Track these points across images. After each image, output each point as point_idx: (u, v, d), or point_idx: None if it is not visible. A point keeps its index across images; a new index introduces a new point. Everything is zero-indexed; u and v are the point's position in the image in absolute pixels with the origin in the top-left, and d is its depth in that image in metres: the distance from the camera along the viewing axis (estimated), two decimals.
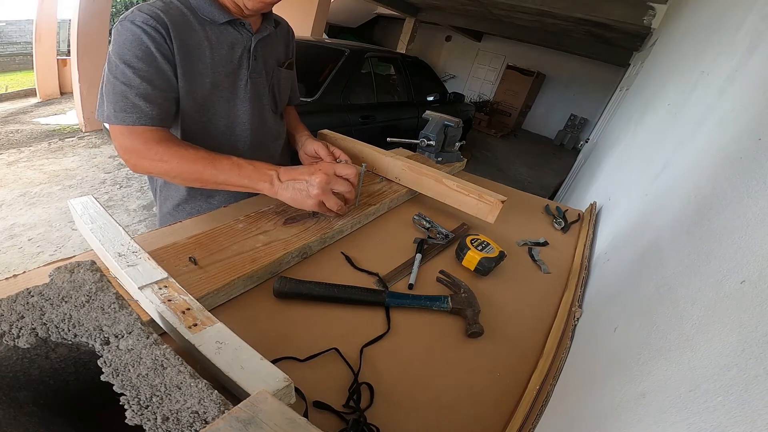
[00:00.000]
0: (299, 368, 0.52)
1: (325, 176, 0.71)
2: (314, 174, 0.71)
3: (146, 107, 0.71)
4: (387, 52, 3.80)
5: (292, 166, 0.74)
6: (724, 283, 0.33)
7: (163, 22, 0.72)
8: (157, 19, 0.71)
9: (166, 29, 0.72)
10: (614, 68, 7.01)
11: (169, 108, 0.76)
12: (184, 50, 0.75)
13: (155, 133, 0.73)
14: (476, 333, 0.63)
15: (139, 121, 0.71)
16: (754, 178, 0.37)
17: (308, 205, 0.72)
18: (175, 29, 0.73)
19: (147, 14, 0.71)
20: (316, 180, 0.70)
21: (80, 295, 0.37)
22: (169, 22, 0.73)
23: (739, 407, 0.23)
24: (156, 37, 0.71)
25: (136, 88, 0.70)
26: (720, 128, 0.59)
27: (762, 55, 0.58)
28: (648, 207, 0.75)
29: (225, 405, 0.31)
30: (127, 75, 0.70)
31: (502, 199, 0.92)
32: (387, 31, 10.08)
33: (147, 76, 0.71)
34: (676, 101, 1.08)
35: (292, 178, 0.72)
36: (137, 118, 0.71)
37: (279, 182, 0.72)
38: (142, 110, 0.71)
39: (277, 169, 0.73)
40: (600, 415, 0.39)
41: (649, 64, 2.49)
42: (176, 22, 0.74)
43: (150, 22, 0.70)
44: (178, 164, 0.71)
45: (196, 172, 0.72)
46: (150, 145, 0.72)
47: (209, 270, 0.60)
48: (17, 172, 2.99)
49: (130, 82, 0.70)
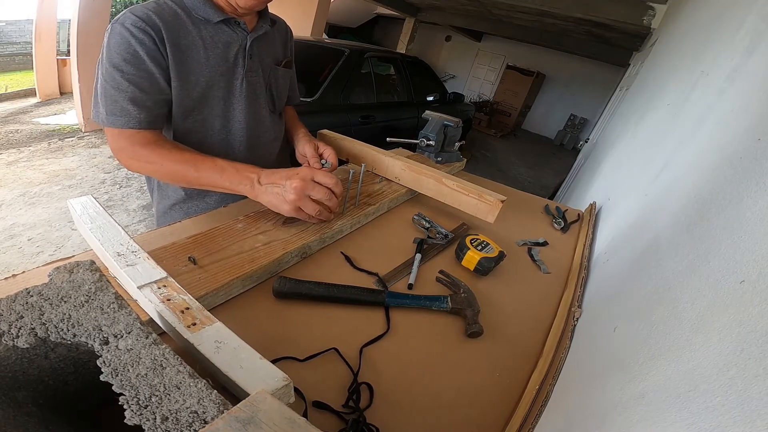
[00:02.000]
0: (299, 368, 0.52)
1: (301, 182, 0.69)
2: (291, 179, 0.70)
3: (135, 111, 0.72)
4: (387, 52, 3.80)
5: (274, 170, 0.73)
6: (724, 282, 0.33)
7: (154, 24, 0.72)
8: (147, 20, 0.71)
9: (157, 31, 0.72)
10: (614, 68, 7.01)
11: (159, 110, 0.77)
12: (177, 50, 0.75)
13: (143, 136, 0.74)
14: (476, 333, 0.63)
15: (127, 125, 0.72)
16: (754, 178, 0.37)
17: (285, 210, 0.71)
18: (168, 30, 0.74)
19: (137, 16, 0.71)
20: (292, 185, 0.69)
21: (79, 294, 0.37)
22: (161, 23, 0.73)
23: (739, 407, 0.23)
24: (144, 40, 0.71)
25: (124, 92, 0.71)
26: (719, 128, 0.59)
27: (762, 55, 0.58)
28: (647, 207, 0.75)
29: (224, 405, 0.31)
30: (116, 79, 0.71)
31: (502, 198, 0.92)
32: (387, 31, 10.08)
33: (135, 79, 0.72)
34: (675, 101, 1.08)
35: (271, 182, 0.71)
36: (126, 121, 0.72)
37: (259, 185, 0.72)
38: (131, 114, 0.72)
39: (258, 172, 0.72)
40: (599, 414, 0.39)
41: (648, 64, 2.49)
42: (168, 23, 0.74)
43: (139, 24, 0.70)
44: (163, 166, 0.74)
45: (180, 173, 0.74)
46: (137, 147, 0.74)
47: (208, 270, 0.60)
48: (17, 172, 2.99)
49: (119, 86, 0.71)
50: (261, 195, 0.72)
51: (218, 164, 0.73)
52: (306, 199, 0.71)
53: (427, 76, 4.21)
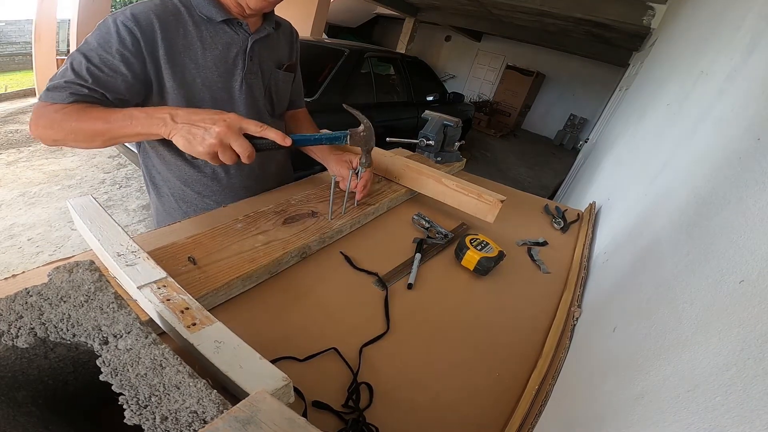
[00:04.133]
0: (298, 368, 0.52)
1: (226, 130, 0.65)
2: (216, 124, 0.65)
3: (70, 98, 0.69)
4: (386, 52, 3.80)
5: (195, 110, 0.69)
6: (723, 282, 0.33)
7: (147, 25, 0.72)
8: (141, 21, 0.71)
9: (149, 33, 0.72)
10: (614, 68, 7.00)
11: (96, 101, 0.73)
12: (173, 51, 0.75)
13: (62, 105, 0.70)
14: (370, 163, 0.83)
15: (54, 101, 0.69)
16: (753, 177, 0.37)
17: (199, 152, 0.66)
18: (165, 30, 0.73)
19: (132, 15, 0.71)
20: (216, 129, 0.65)
21: (79, 294, 0.36)
22: (159, 23, 0.73)
23: (738, 407, 0.23)
24: (126, 40, 0.70)
25: (77, 80, 0.69)
26: (719, 128, 0.59)
27: (761, 55, 0.58)
28: (647, 207, 0.75)
29: (224, 405, 0.31)
30: (81, 63, 0.69)
31: (502, 198, 0.92)
32: (386, 31, 10.08)
33: (96, 73, 0.70)
34: (675, 101, 1.08)
35: (191, 122, 0.67)
36: (55, 98, 0.69)
37: (174, 123, 0.67)
38: (63, 97, 0.69)
39: (173, 111, 0.68)
40: (599, 414, 0.39)
41: (648, 64, 2.49)
42: (167, 23, 0.74)
43: (128, 23, 0.70)
44: (72, 125, 0.69)
45: (92, 129, 0.69)
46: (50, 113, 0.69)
47: (208, 270, 0.60)
48: (16, 172, 2.99)
49: (79, 72, 0.69)
50: (176, 134, 0.67)
51: (128, 112, 0.69)
52: (226, 147, 0.66)
53: (426, 76, 4.20)
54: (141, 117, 0.68)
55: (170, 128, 0.67)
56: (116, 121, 0.69)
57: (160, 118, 0.67)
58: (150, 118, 0.68)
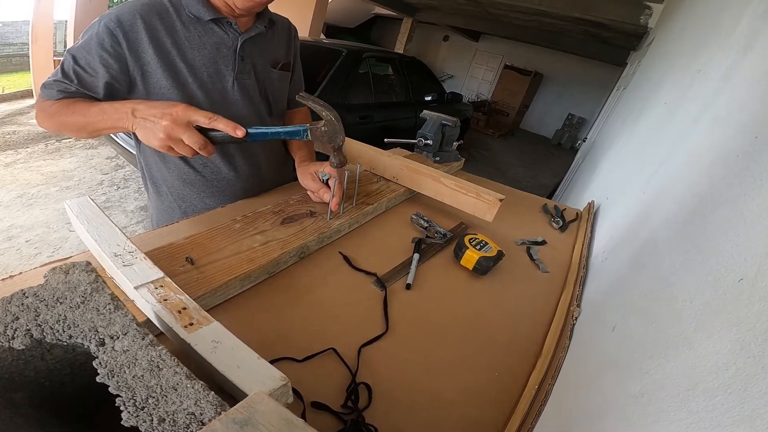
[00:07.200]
0: (297, 368, 0.52)
1: (171, 124, 0.65)
2: (163, 117, 0.66)
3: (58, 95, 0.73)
4: (385, 52, 3.80)
5: (154, 103, 0.70)
6: (722, 280, 0.33)
7: (131, 28, 0.72)
8: (125, 23, 0.72)
9: (133, 35, 0.72)
10: (612, 67, 7.01)
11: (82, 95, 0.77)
12: (163, 51, 0.75)
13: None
14: (341, 163, 0.76)
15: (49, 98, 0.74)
16: (751, 175, 0.37)
17: (155, 146, 0.68)
18: (151, 30, 0.74)
19: (116, 17, 0.71)
20: (162, 123, 0.65)
21: (75, 296, 0.36)
22: (144, 25, 0.73)
23: (738, 406, 0.23)
24: (105, 42, 0.71)
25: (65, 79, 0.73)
26: (716, 126, 0.59)
27: (757, 54, 0.58)
28: (645, 205, 0.75)
29: (221, 406, 0.31)
30: (69, 64, 0.73)
31: (500, 197, 0.92)
32: (385, 31, 10.07)
33: (80, 72, 0.73)
34: (672, 100, 1.08)
35: (144, 118, 0.68)
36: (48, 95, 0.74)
37: (133, 118, 0.69)
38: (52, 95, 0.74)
39: (134, 105, 0.69)
40: (598, 414, 0.39)
41: (645, 64, 2.49)
42: (153, 24, 0.74)
43: (111, 25, 0.71)
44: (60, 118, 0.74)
45: (74, 122, 0.74)
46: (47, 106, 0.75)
47: (206, 270, 0.60)
48: (14, 174, 2.97)
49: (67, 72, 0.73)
50: (136, 127, 0.69)
51: (101, 107, 0.72)
52: (177, 140, 0.66)
53: (425, 76, 4.20)
54: (110, 111, 0.72)
55: (131, 122, 0.69)
56: (92, 115, 0.72)
57: (124, 112, 0.70)
58: (116, 112, 0.71)
